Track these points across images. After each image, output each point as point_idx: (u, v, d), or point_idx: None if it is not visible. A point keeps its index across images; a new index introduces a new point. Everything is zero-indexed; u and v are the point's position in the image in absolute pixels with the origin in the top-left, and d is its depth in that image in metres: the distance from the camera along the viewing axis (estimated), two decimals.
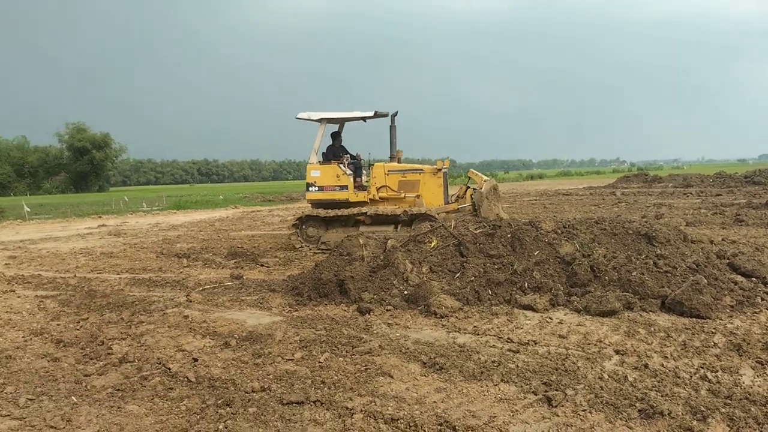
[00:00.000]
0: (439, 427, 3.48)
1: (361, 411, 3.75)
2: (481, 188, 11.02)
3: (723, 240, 9.23)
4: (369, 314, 6.13)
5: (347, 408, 3.81)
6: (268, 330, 5.69)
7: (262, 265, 10.02)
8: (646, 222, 7.49)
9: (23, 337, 5.93)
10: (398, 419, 3.60)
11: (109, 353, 5.20)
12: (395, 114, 11.67)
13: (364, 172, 12.12)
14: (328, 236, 11.64)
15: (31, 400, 4.19)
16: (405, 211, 11.05)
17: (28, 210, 27.43)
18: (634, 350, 4.75)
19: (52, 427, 3.73)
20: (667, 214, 15.77)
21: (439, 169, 11.49)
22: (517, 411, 3.69)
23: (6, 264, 11.25)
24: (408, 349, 4.96)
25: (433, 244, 7.22)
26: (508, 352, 4.79)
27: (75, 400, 4.17)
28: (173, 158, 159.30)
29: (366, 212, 11.31)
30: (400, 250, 7.24)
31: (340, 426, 3.58)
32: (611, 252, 6.71)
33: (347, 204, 11.48)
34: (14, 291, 8.29)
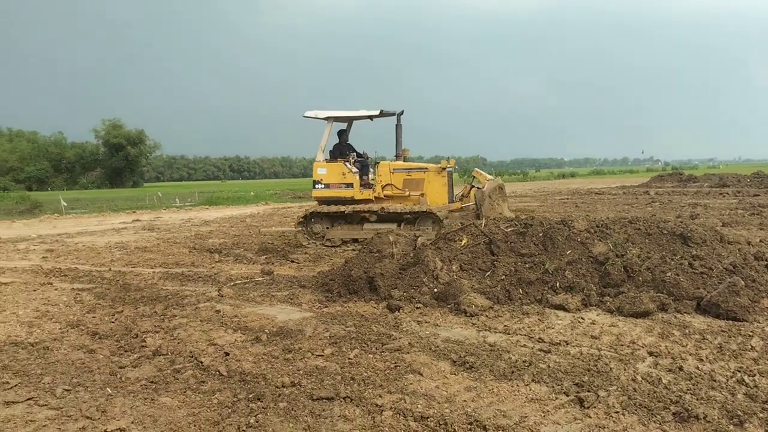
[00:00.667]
0: (469, 426, 3.46)
1: (391, 408, 3.75)
2: (483, 187, 11.04)
3: (761, 241, 9.01)
4: (399, 312, 6.12)
5: (377, 405, 3.81)
6: (298, 326, 5.73)
7: (292, 261, 10.09)
8: (681, 222, 7.35)
9: (60, 328, 6.06)
10: (428, 417, 3.59)
11: (143, 346, 5.29)
12: (401, 113, 11.80)
13: (370, 170, 12.25)
14: (332, 233, 11.86)
15: (67, 390, 4.28)
16: (382, 207, 11.36)
17: (65, 204, 28.07)
18: (669, 352, 4.67)
19: (87, 417, 3.80)
20: (702, 214, 15.48)
21: (444, 168, 11.63)
22: (548, 412, 3.65)
23: (44, 257, 11.52)
24: (438, 347, 4.94)
25: (463, 242, 7.19)
26: (539, 352, 4.74)
27: (110, 391, 4.25)
28: (205, 155, 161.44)
29: (344, 211, 11.57)
30: (430, 247, 7.22)
31: (369, 423, 3.59)
32: (645, 252, 6.60)
33: (352, 201, 11.68)
34: (51, 283, 8.48)
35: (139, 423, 3.69)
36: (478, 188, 11.36)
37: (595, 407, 3.68)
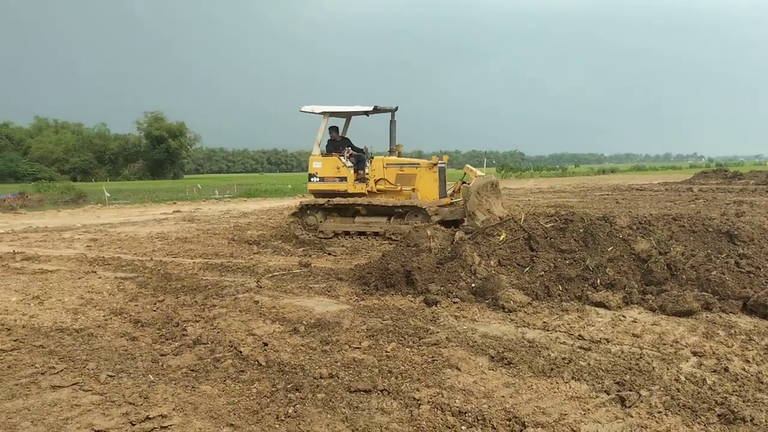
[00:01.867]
0: (507, 423, 3.43)
1: (428, 402, 3.74)
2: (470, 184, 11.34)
3: None
4: (436, 306, 6.10)
5: (414, 398, 3.81)
6: (335, 318, 5.75)
7: (329, 254, 10.15)
8: (727, 219, 7.15)
9: (104, 316, 6.20)
10: (466, 412, 3.57)
11: (183, 335, 5.38)
12: (395, 109, 12.08)
13: (367, 164, 12.43)
14: (325, 225, 12.08)
15: (111, 376, 4.37)
16: (328, 200, 11.87)
17: (108, 195, 28.76)
18: (713, 352, 4.55)
19: (130, 403, 3.88)
20: (748, 212, 15.02)
21: (435, 164, 11.83)
22: (588, 410, 3.60)
23: (88, 246, 11.80)
24: (475, 342, 4.91)
25: (502, 237, 7.13)
26: (579, 350, 4.67)
27: (152, 378, 4.33)
28: (244, 147, 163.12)
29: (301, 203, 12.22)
30: (468, 242, 7.18)
31: (407, 416, 3.58)
32: (689, 250, 6.45)
33: (346, 194, 11.97)
34: (95, 272, 8.68)
35: (180, 410, 3.76)
36: (466, 184, 11.60)
37: (636, 406, 3.61)
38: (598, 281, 6.24)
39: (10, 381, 4.33)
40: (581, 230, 6.87)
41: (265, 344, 5.02)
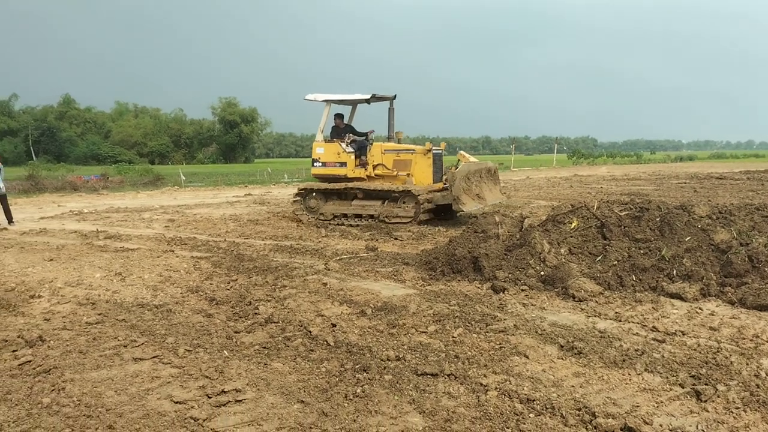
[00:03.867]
0: (577, 412, 3.38)
1: (496, 388, 3.72)
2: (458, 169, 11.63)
3: None
4: (503, 293, 6.05)
5: (481, 384, 3.80)
6: (402, 302, 5.79)
7: (396, 239, 10.20)
8: None
9: (181, 293, 6.46)
10: (534, 400, 3.54)
11: (256, 313, 5.54)
12: (394, 97, 12.68)
13: (369, 150, 12.71)
14: (325, 208, 12.56)
15: (188, 351, 4.56)
16: (294, 187, 12.69)
17: (184, 178, 29.77)
18: None
19: (206, 377, 4.04)
20: None
21: (429, 150, 12.15)
22: (662, 402, 3.50)
23: (166, 226, 12.29)
24: (544, 330, 4.85)
25: (573, 224, 6.98)
26: (652, 341, 4.54)
27: (226, 354, 4.49)
28: (312, 133, 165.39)
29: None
30: (537, 229, 7.07)
31: (474, 401, 3.59)
32: None
33: (346, 179, 12.44)
34: (173, 251, 9.03)
35: (253, 385, 3.89)
36: (454, 169, 11.88)
37: (713, 401, 3.49)
38: (675, 272, 6.04)
39: (95, 352, 4.59)
40: (657, 219, 6.65)
41: (334, 325, 5.11)
